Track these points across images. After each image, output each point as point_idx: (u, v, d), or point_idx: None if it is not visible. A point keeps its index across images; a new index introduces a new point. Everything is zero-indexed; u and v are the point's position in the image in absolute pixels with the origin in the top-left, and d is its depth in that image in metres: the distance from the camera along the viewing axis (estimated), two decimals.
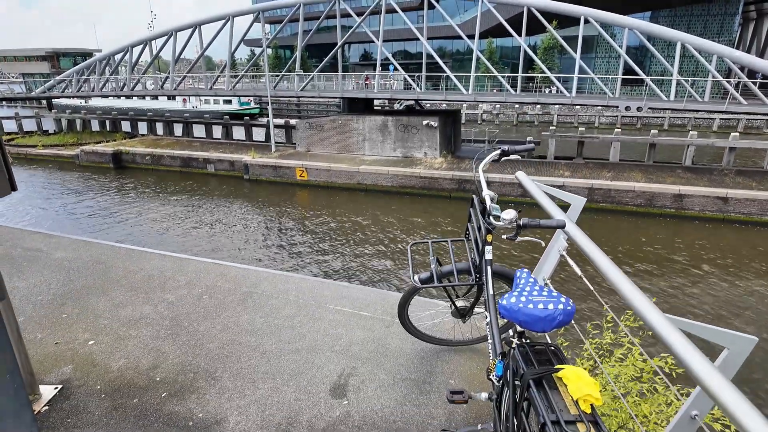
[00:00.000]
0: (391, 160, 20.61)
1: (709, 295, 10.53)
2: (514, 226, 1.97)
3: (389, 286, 10.70)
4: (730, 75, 18.91)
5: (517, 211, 2.01)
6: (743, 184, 16.05)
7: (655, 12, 44.92)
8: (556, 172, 17.97)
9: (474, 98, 20.84)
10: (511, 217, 1.97)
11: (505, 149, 2.43)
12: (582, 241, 2.08)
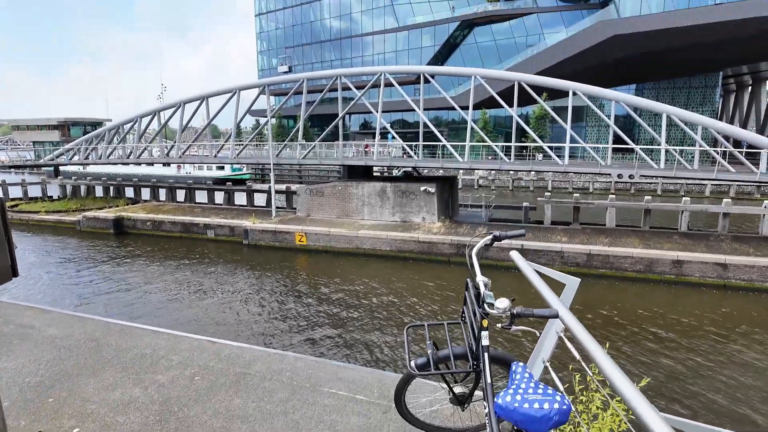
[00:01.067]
0: (390, 225, 20.82)
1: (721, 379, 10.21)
2: (508, 315, 1.99)
3: (386, 365, 10.37)
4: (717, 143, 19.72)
5: (510, 300, 2.03)
6: (741, 250, 16.12)
7: (639, 84, 47.57)
8: (553, 237, 18.10)
9: (469, 166, 21.48)
10: (504, 306, 2.00)
11: (497, 235, 2.50)
12: (576, 329, 2.08)
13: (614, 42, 38.02)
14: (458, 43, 49.73)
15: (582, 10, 43.13)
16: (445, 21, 48.70)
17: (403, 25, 51.85)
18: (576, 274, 11.26)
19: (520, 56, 44.37)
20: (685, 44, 37.66)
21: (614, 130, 19.63)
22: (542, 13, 44.43)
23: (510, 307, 1.98)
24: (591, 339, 1.96)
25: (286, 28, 62.19)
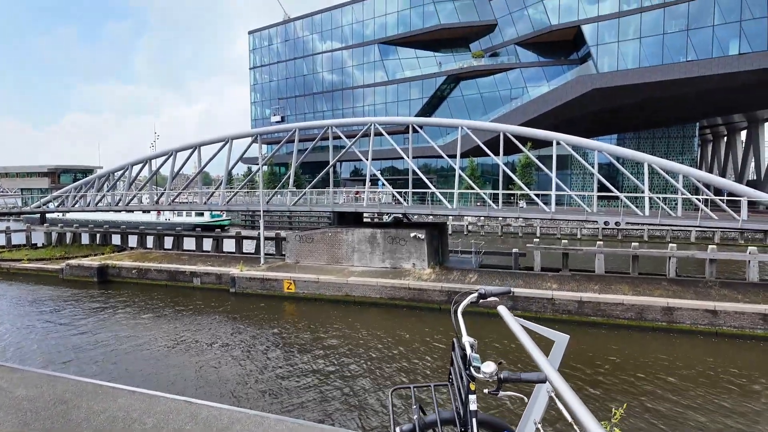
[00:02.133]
0: (380, 271, 20.65)
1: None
2: (495, 379, 1.93)
3: (373, 430, 9.92)
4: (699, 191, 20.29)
5: (497, 363, 1.97)
6: (729, 296, 16.16)
7: (621, 134, 49.36)
8: (544, 284, 18.04)
9: (458, 212, 21.68)
10: (491, 370, 1.94)
11: (483, 292, 2.47)
12: (565, 393, 2.01)
13: (594, 95, 39.80)
14: (445, 96, 51.69)
15: (563, 65, 45.40)
16: (433, 75, 50.86)
17: (392, 79, 53.99)
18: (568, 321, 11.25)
19: (504, 108, 46.11)
20: (659, 97, 39.53)
21: (598, 178, 20.13)
22: (525, 68, 46.66)
23: (497, 372, 1.92)
24: (579, 403, 1.89)
25: (279, 80, 64.34)
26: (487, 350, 13.64)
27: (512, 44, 47.00)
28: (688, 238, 36.23)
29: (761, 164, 51.55)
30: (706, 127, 60.89)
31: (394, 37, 53.22)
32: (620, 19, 39.73)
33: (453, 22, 49.08)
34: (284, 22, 63.65)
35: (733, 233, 34.85)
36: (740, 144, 58.30)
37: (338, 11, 57.86)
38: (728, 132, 60.92)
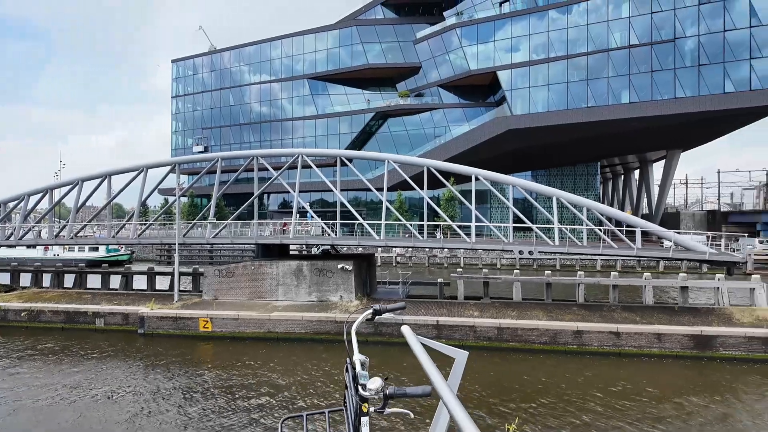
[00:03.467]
0: (306, 305, 20.06)
1: None
2: (381, 396, 1.87)
3: None
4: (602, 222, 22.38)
5: (383, 379, 1.92)
6: (629, 318, 17.63)
7: (534, 171, 53.33)
8: (466, 312, 18.54)
9: (385, 243, 21.91)
10: (376, 386, 1.88)
11: (377, 308, 2.42)
12: (454, 408, 1.94)
13: (509, 135, 42.97)
14: (374, 132, 53.11)
15: (482, 107, 48.76)
16: (362, 111, 52.22)
17: (322, 113, 54.59)
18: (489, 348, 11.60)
19: (429, 145, 48.26)
20: (565, 138, 43.59)
21: (513, 211, 21.46)
22: (448, 108, 49.48)
23: (383, 387, 1.86)
24: (467, 419, 1.84)
25: (204, 110, 62.47)
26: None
27: (435, 86, 49.81)
28: (595, 266, 39.43)
29: (652, 199, 58.10)
30: (606, 166, 67.81)
31: (324, 73, 54.25)
32: (531, 67, 43.78)
33: (380, 62, 51.16)
34: (211, 53, 62.54)
35: (631, 261, 38.49)
36: (634, 181, 65.51)
37: (267, 45, 58.08)
38: (624, 171, 68.34)
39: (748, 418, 11.51)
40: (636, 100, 40.14)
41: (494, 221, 48.86)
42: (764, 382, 13.80)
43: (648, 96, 39.80)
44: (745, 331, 15.66)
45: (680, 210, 73.55)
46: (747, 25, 37.42)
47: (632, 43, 40.38)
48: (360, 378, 2.02)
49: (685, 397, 12.68)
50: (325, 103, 55.03)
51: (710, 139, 50.02)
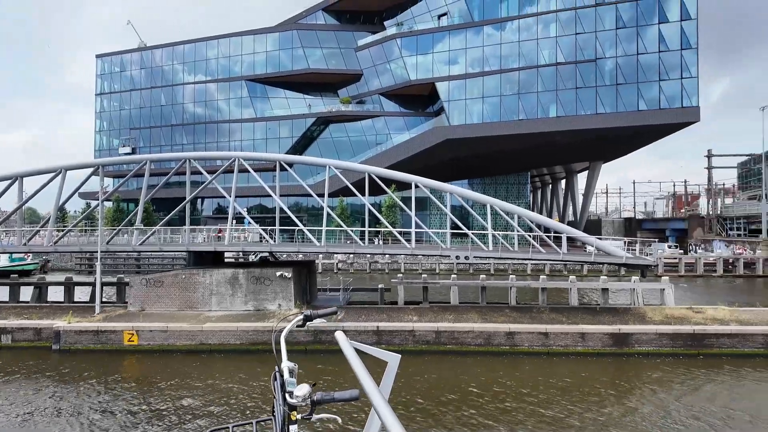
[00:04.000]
0: (242, 315, 19.36)
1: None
2: (308, 403, 1.85)
3: None
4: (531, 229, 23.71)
5: (311, 385, 1.90)
6: (557, 319, 18.73)
7: (471, 180, 55.31)
8: (405, 317, 18.79)
9: (326, 249, 21.74)
10: (303, 393, 1.86)
11: (308, 314, 2.39)
12: (383, 412, 1.95)
13: (446, 144, 44.36)
14: (315, 137, 52.66)
15: (421, 116, 49.96)
16: (302, 116, 51.60)
17: (261, 116, 53.26)
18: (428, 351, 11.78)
19: (371, 152, 48.65)
20: (499, 148, 45.72)
21: (451, 218, 22.13)
22: (389, 117, 50.19)
23: (310, 393, 1.85)
24: (397, 425, 1.84)
25: (132, 109, 58.78)
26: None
27: (377, 94, 50.40)
28: (526, 270, 41.54)
29: (577, 207, 62.34)
30: (536, 176, 71.87)
31: (263, 75, 53.07)
32: (467, 80, 45.56)
33: (322, 67, 50.92)
34: (141, 49, 59.07)
35: (559, 265, 40.96)
36: (561, 191, 69.96)
37: (203, 44, 55.86)
38: (552, 181, 72.81)
39: (657, 409, 12.61)
40: (562, 114, 43.02)
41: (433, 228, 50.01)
42: (671, 374, 15.19)
43: (573, 111, 42.81)
44: (656, 329, 17.18)
45: (601, 217, 79.57)
46: (656, 50, 41.44)
47: (559, 61, 43.30)
48: (288, 385, 1.99)
49: (605, 391, 13.67)
50: (265, 107, 53.81)
51: (627, 152, 54.65)
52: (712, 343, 16.73)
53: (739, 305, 21.33)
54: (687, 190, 79.56)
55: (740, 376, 14.88)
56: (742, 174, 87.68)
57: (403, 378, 14.62)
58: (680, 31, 40.85)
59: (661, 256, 43.43)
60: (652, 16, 41.33)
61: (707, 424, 11.47)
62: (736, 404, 12.84)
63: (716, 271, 42.54)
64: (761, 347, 16.56)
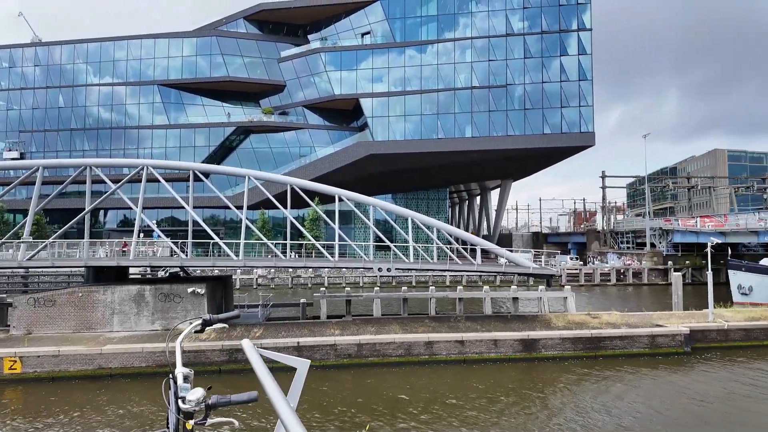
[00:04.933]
0: (148, 336, 17.87)
1: None
2: (203, 407, 1.78)
3: None
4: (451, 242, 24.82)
5: (206, 389, 1.83)
6: (472, 327, 19.59)
7: (394, 194, 56.53)
8: (328, 331, 18.55)
9: (244, 263, 20.88)
10: (197, 396, 1.78)
11: (208, 318, 2.31)
12: (290, 424, 1.85)
13: (370, 159, 45.12)
14: (235, 147, 50.78)
15: (346, 131, 50.37)
16: (221, 125, 49.56)
17: (175, 123, 50.28)
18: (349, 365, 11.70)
19: (294, 164, 47.97)
20: (420, 165, 47.41)
21: (374, 231, 22.43)
22: (313, 129, 49.93)
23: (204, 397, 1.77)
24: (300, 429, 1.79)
25: (23, 109, 52.60)
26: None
27: (300, 106, 50.03)
28: (444, 281, 43.09)
29: (490, 222, 66.18)
30: (454, 192, 75.32)
31: (178, 81, 50.34)
32: (390, 98, 46.91)
33: (242, 76, 49.51)
34: (35, 44, 53.35)
35: (474, 276, 43.04)
36: (476, 206, 73.99)
37: (111, 44, 51.80)
38: (469, 197, 76.80)
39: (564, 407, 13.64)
40: (477, 135, 45.80)
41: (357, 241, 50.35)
42: (574, 374, 16.52)
43: (486, 132, 45.76)
44: (559, 334, 18.62)
45: (512, 232, 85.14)
46: (559, 80, 45.81)
47: (474, 85, 46.20)
48: (181, 391, 1.89)
49: (516, 394, 14.50)
50: (179, 114, 50.95)
51: (534, 171, 59.36)
52: (607, 345, 18.48)
53: (628, 310, 23.86)
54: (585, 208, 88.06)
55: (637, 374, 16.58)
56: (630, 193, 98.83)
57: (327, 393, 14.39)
58: (578, 65, 45.65)
59: (564, 267, 47.42)
60: (555, 50, 45.77)
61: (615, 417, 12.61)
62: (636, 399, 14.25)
63: (610, 280, 47.32)
64: (646, 347, 18.62)
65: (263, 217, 43.81)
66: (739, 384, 15.45)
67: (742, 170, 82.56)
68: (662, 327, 19.25)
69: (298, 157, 48.83)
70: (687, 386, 15.30)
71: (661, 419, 12.56)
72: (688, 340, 18.75)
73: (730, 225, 41.94)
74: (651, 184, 64.29)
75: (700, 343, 19.09)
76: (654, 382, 15.73)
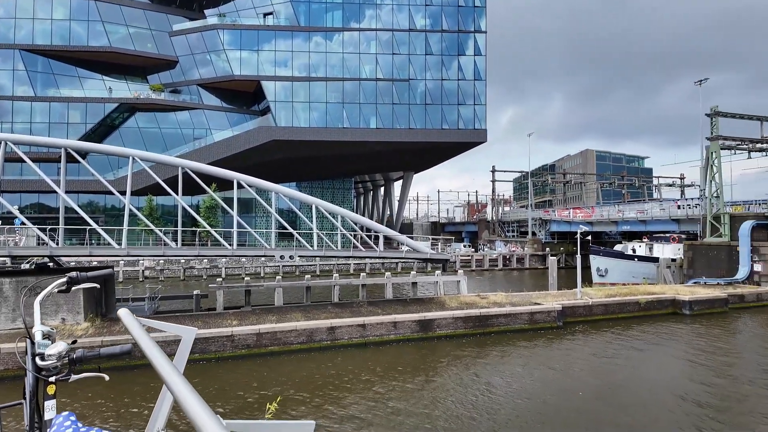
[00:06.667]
0: (7, 335, 15.50)
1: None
2: (66, 362, 1.64)
3: None
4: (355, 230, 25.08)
5: (71, 342, 1.69)
6: (374, 312, 20.14)
7: (299, 183, 55.48)
8: (224, 322, 17.74)
9: (127, 252, 19.00)
10: (59, 350, 1.63)
11: (74, 276, 2.09)
12: (179, 389, 1.75)
13: (273, 145, 43.69)
14: (117, 125, 45.74)
15: (246, 114, 48.03)
16: (101, 100, 44.24)
17: (43, 96, 43.71)
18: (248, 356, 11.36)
19: (188, 147, 44.65)
20: (325, 153, 47.07)
21: (276, 218, 21.83)
22: (210, 110, 46.79)
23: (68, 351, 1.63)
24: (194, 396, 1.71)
25: None
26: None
27: (195, 84, 46.58)
28: (349, 270, 43.57)
29: (393, 212, 68.21)
30: (359, 182, 76.13)
31: (47, 47, 43.76)
32: (294, 83, 45.70)
33: (127, 48, 44.58)
34: None
35: (377, 264, 44.14)
36: (380, 197, 75.67)
37: None
38: (373, 187, 78.18)
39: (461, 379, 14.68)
40: (381, 126, 46.69)
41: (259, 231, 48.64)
42: (465, 350, 17.83)
43: (390, 124, 46.85)
44: (452, 314, 19.93)
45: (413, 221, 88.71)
46: (456, 78, 48.37)
47: (379, 77, 46.92)
48: (39, 348, 1.72)
49: (417, 374, 15.26)
50: (49, 85, 44.43)
51: (434, 164, 62.26)
52: (493, 322, 20.23)
53: (512, 291, 26.32)
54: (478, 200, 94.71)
55: (518, 346, 18.36)
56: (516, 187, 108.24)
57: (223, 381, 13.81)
58: (474, 65, 48.64)
59: (458, 253, 50.75)
60: (454, 49, 48.22)
61: (514, 385, 13.84)
62: (515, 367, 15.78)
63: (498, 265, 51.68)
64: (527, 323, 20.74)
65: (151, 204, 40.22)
66: (599, 347, 18.05)
67: (607, 168, 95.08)
68: (539, 305, 21.58)
69: (192, 140, 45.52)
70: (558, 354, 17.41)
71: (534, 381, 14.15)
72: (561, 315, 21.29)
73: (596, 216, 48.15)
74: (533, 179, 71.20)
75: (570, 318, 21.77)
76: (532, 352, 17.64)
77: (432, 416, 11.77)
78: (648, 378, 14.91)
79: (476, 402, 12.77)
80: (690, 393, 13.36)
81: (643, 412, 12.02)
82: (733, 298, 26.11)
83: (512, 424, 11.50)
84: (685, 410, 12.19)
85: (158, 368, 1.97)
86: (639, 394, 13.42)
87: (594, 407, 12.56)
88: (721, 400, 12.96)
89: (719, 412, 12.03)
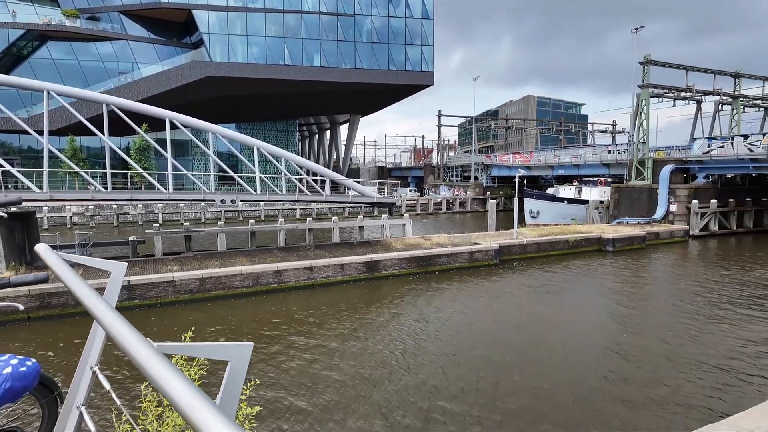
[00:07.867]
0: None
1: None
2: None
3: None
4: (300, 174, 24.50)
5: None
6: (320, 255, 20.28)
7: (239, 124, 52.80)
8: (164, 268, 17.19)
9: (50, 197, 17.53)
10: None
11: None
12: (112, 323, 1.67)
13: (207, 82, 40.78)
14: (26, 55, 40.51)
15: (177, 47, 44.02)
16: (3, 25, 38.61)
17: None
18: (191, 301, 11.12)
19: (112, 82, 40.67)
20: (266, 92, 44.70)
21: (215, 161, 20.80)
22: (135, 42, 42.37)
23: None
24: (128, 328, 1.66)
25: None
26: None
27: (117, 11, 41.70)
28: (295, 215, 43.16)
29: (340, 156, 67.24)
30: (303, 125, 73.70)
31: None
32: (229, 14, 42.09)
33: None
34: None
35: (324, 209, 43.98)
36: (327, 140, 73.98)
37: None
38: (318, 131, 76.05)
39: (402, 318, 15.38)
40: (326, 65, 44.68)
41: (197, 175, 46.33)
42: (410, 289, 18.61)
43: (335, 63, 44.93)
44: (398, 255, 20.53)
45: (360, 166, 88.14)
46: (404, 16, 46.67)
47: (322, 11, 44.23)
48: None
49: (363, 311, 15.80)
50: None
51: (381, 107, 61.18)
52: (436, 262, 21.11)
53: (454, 233, 27.37)
54: (424, 145, 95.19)
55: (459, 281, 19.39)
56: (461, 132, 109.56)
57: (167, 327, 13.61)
58: (422, 2, 46.95)
59: (404, 198, 51.53)
60: None
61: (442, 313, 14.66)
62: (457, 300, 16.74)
63: (441, 209, 53.22)
64: (467, 262, 21.82)
65: (73, 145, 36.87)
66: (531, 280, 19.51)
67: (546, 115, 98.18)
68: (479, 245, 22.68)
69: (117, 75, 41.42)
70: (494, 287, 18.64)
71: (473, 312, 15.18)
72: (498, 253, 22.56)
73: (534, 161, 50.19)
74: (478, 125, 72.31)
75: (506, 256, 23.15)
76: (470, 286, 18.76)
77: (367, 347, 12.38)
78: (573, 303, 16.44)
79: (412, 331, 13.53)
80: (610, 311, 14.95)
81: (571, 328, 13.34)
82: (650, 235, 28.80)
83: (448, 350, 12.36)
84: (603, 323, 13.67)
85: (84, 301, 1.87)
86: (565, 316, 14.82)
87: (526, 330, 13.76)
88: (632, 314, 14.64)
89: (633, 324, 13.62)
